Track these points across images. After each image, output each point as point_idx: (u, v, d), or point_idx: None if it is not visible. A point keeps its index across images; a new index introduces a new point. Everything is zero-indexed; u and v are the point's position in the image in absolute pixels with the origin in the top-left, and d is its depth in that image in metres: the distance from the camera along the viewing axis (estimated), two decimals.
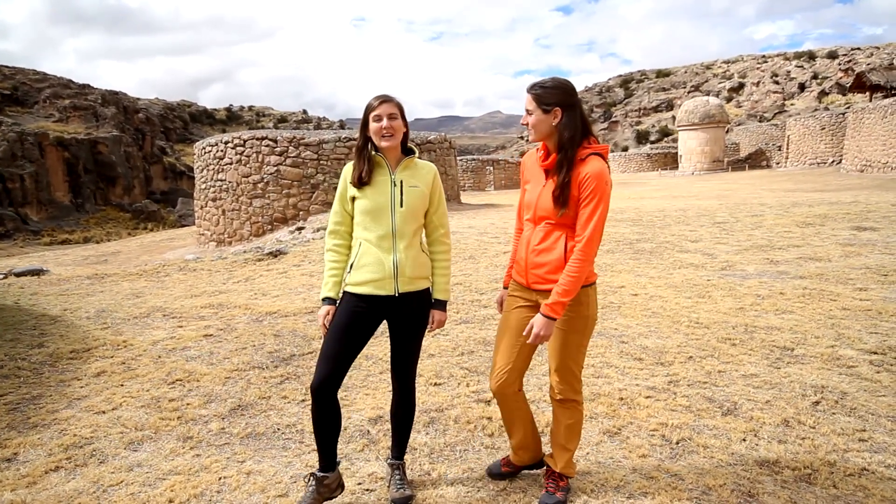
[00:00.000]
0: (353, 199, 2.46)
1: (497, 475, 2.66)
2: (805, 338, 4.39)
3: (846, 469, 2.66)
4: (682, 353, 4.17)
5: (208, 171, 15.07)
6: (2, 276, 8.93)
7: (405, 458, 2.68)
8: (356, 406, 3.51)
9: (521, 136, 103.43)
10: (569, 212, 2.28)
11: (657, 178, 35.80)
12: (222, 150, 14.65)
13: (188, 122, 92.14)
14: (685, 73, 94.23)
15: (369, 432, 3.17)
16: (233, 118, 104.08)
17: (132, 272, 8.75)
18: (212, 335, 5.03)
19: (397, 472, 2.58)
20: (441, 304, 2.55)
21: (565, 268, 2.26)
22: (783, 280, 6.19)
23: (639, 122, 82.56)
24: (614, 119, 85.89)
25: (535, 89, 2.31)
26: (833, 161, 32.08)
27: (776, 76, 79.57)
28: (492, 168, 31.08)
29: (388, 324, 2.55)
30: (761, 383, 3.62)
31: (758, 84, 79.55)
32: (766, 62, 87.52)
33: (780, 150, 38.39)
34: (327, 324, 2.44)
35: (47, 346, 4.84)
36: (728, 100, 75.76)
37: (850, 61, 73.09)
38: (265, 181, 13.98)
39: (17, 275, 9.09)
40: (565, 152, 2.27)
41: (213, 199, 14.91)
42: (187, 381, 3.98)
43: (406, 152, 2.49)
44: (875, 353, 4.04)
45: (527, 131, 2.40)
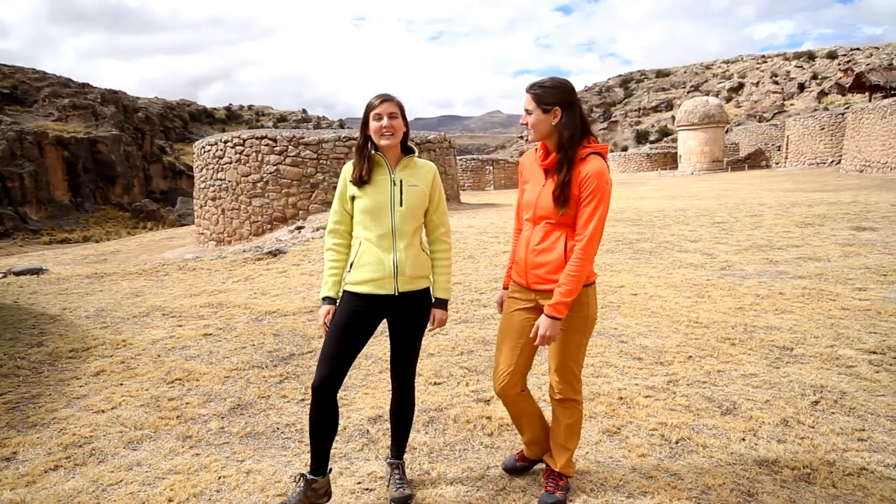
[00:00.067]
0: (352, 199, 2.46)
1: (513, 470, 2.70)
2: (804, 337, 4.39)
3: (845, 468, 2.66)
4: (682, 353, 4.17)
5: (208, 170, 15.06)
6: (1, 275, 8.93)
7: (405, 457, 2.69)
8: (356, 405, 3.51)
9: (521, 136, 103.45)
10: (569, 211, 2.28)
11: (657, 177, 35.81)
12: (222, 150, 14.64)
13: (188, 121, 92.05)
14: (685, 73, 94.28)
15: (369, 431, 3.17)
16: (232, 117, 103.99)
17: (131, 271, 8.75)
18: (211, 334, 5.03)
19: (397, 472, 2.58)
20: (442, 303, 2.55)
21: (566, 267, 2.26)
22: (782, 280, 6.19)
23: (638, 122, 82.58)
24: (614, 119, 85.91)
25: (534, 89, 2.31)
26: (832, 161, 32.09)
27: (776, 76, 79.61)
28: (491, 168, 31.08)
29: (387, 323, 2.55)
30: (760, 383, 3.62)
31: (757, 84, 79.58)
32: (765, 62, 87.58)
33: (779, 150, 38.40)
34: (328, 323, 2.44)
35: (46, 345, 4.83)
36: (728, 100, 75.77)
37: (849, 61, 73.15)
38: (265, 180, 13.98)
39: (17, 274, 9.08)
40: (565, 152, 2.27)
41: (213, 199, 14.90)
42: (187, 381, 3.98)
43: (406, 151, 2.49)
44: (874, 352, 4.04)
45: (526, 131, 2.40)
